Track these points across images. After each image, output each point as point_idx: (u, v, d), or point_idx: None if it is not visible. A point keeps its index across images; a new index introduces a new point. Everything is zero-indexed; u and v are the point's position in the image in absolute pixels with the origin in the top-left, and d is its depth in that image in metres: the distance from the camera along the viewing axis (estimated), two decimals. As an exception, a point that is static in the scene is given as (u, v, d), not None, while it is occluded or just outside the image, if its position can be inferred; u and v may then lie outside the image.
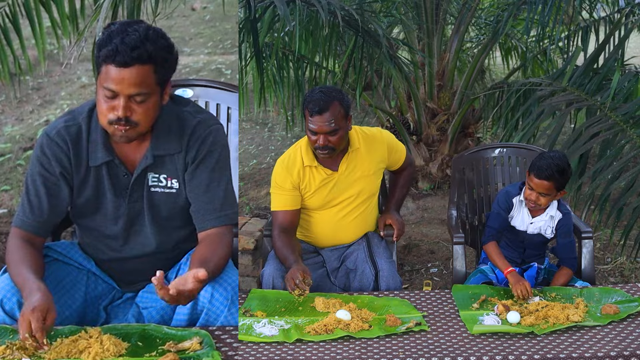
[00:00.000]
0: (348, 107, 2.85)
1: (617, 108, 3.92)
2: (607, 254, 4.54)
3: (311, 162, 2.91)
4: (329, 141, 2.78)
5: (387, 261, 2.95)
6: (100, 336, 1.78)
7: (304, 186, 2.95)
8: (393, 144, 3.11)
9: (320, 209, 3.04)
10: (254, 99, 5.52)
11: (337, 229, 3.06)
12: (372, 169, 3.01)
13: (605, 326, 2.44)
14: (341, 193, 3.00)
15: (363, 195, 3.03)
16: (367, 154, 2.99)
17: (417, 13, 5.38)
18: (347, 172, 2.97)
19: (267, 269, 2.94)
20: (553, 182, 2.80)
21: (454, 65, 5.63)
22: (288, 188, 2.92)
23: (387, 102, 6.38)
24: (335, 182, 2.97)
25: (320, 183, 2.95)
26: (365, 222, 3.11)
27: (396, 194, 3.26)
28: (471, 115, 5.76)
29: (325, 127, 2.75)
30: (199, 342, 1.81)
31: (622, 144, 3.71)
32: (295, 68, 5.14)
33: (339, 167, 2.95)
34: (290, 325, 2.48)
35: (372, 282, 2.91)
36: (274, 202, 2.99)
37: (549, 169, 2.78)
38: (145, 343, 1.79)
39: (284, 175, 2.92)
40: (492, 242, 2.99)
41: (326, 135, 2.77)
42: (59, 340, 1.77)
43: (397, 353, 2.28)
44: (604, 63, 4.53)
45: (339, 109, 2.78)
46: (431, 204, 5.52)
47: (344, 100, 2.83)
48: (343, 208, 3.04)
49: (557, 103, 4.16)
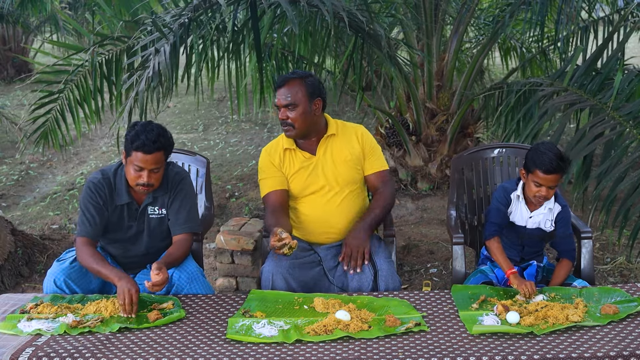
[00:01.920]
0: (314, 88, 3.04)
1: (620, 108, 3.90)
2: (606, 254, 4.54)
3: (290, 145, 3.13)
4: (288, 116, 3.02)
5: (386, 261, 2.96)
6: (113, 299, 2.72)
7: (285, 169, 3.13)
8: (373, 145, 3.19)
9: (304, 194, 3.12)
10: (253, 99, 5.53)
11: (325, 215, 3.10)
12: (349, 156, 3.12)
13: (605, 326, 2.44)
14: (320, 176, 3.10)
15: (343, 179, 3.10)
16: (344, 141, 3.13)
17: (417, 13, 5.38)
18: (325, 156, 3.11)
19: (266, 266, 2.96)
20: (561, 173, 2.83)
21: (453, 65, 5.63)
22: (272, 170, 3.15)
23: (386, 103, 6.38)
24: (314, 166, 3.11)
25: (299, 166, 3.11)
26: (352, 208, 3.12)
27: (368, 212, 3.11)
28: (470, 115, 5.76)
29: (282, 99, 3.02)
30: (172, 304, 2.72)
31: (627, 144, 3.68)
32: (295, 68, 5.14)
33: (316, 151, 3.11)
34: (290, 326, 2.48)
35: (371, 281, 2.91)
36: (262, 189, 3.16)
37: (553, 162, 2.79)
38: (141, 304, 2.71)
39: (267, 160, 3.17)
40: (495, 238, 2.98)
41: (285, 109, 3.02)
42: (89, 303, 2.73)
43: (397, 353, 2.28)
44: (605, 63, 4.51)
45: (299, 86, 3.01)
46: (430, 204, 5.53)
47: (309, 80, 3.04)
48: (326, 193, 3.10)
49: (560, 103, 4.15)
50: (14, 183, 6.86)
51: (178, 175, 3.04)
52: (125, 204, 2.99)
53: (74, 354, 2.33)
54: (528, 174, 2.89)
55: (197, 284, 2.94)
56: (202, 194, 3.55)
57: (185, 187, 3.05)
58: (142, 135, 2.80)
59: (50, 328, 2.52)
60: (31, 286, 4.42)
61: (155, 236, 3.05)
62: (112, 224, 3.02)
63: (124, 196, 2.97)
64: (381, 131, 5.91)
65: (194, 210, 3.10)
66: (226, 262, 4.14)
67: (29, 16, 10.35)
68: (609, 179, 3.59)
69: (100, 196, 2.95)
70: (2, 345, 2.40)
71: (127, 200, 2.98)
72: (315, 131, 3.11)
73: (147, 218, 3.03)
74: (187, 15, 3.87)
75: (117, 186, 2.98)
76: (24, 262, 4.58)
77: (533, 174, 2.85)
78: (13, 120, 6.81)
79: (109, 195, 2.97)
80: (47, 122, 5.00)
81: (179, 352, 2.34)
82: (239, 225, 4.28)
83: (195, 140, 8.11)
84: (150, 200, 3.00)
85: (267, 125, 8.51)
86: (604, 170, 3.65)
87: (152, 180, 2.88)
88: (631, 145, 3.69)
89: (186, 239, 3.02)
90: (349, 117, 8.54)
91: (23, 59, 9.31)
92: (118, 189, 2.98)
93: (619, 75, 3.93)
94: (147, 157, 2.82)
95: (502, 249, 2.96)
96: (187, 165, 3.60)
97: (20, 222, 5.61)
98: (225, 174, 6.69)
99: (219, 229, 4.29)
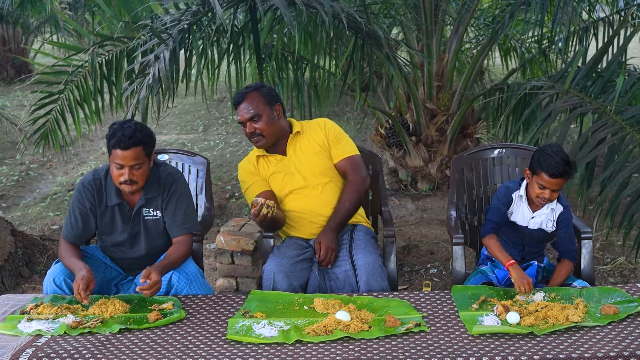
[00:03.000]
0: (271, 96, 3.16)
1: (622, 112, 3.88)
2: (606, 254, 4.54)
3: (261, 152, 3.25)
4: (255, 128, 3.12)
5: (365, 253, 2.96)
6: (113, 300, 2.74)
7: (261, 174, 3.24)
8: (337, 132, 3.26)
9: (284, 193, 3.19)
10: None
11: (311, 207, 3.15)
12: (317, 147, 3.20)
13: (605, 326, 2.44)
14: (296, 174, 3.17)
15: (319, 171, 3.17)
16: (310, 135, 3.23)
17: (416, 14, 5.38)
18: (296, 154, 3.21)
19: (267, 266, 2.98)
20: (566, 177, 2.83)
21: (453, 65, 5.62)
22: (251, 177, 3.25)
23: (386, 103, 6.38)
24: (288, 165, 3.19)
25: (274, 169, 3.23)
26: (334, 194, 3.17)
27: (337, 209, 3.13)
28: (470, 115, 5.76)
29: (245, 114, 3.12)
30: (172, 304, 2.73)
31: (630, 148, 3.66)
32: (295, 69, 5.14)
33: (286, 151, 3.20)
34: (290, 326, 2.48)
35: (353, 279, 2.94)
36: (249, 197, 3.22)
37: (559, 166, 2.79)
38: (140, 305, 2.76)
39: (244, 171, 3.29)
40: (492, 235, 2.98)
41: (250, 123, 3.12)
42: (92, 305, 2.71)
43: (397, 354, 2.28)
44: (607, 65, 4.47)
45: (257, 97, 3.13)
46: (430, 205, 5.53)
47: (263, 89, 3.17)
48: (305, 187, 3.16)
49: (562, 107, 4.13)
50: (14, 184, 6.87)
51: (170, 177, 3.03)
52: (117, 206, 2.99)
53: (74, 355, 2.34)
54: (533, 175, 2.89)
55: (196, 285, 2.95)
56: (202, 194, 3.55)
57: (180, 188, 3.04)
58: (119, 132, 2.82)
59: (51, 329, 2.52)
60: (31, 287, 4.42)
61: (154, 237, 3.05)
62: (104, 225, 3.03)
63: (114, 197, 2.98)
64: (381, 131, 5.91)
65: (191, 210, 3.10)
66: (226, 262, 4.14)
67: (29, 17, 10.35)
68: (614, 184, 3.57)
69: (87, 199, 2.97)
70: (2, 346, 2.40)
71: (117, 201, 2.98)
72: (283, 134, 3.21)
73: (143, 220, 3.02)
74: (186, 20, 3.88)
75: (108, 187, 2.99)
76: (24, 263, 4.58)
77: (538, 176, 2.85)
78: (13, 121, 6.81)
79: (97, 196, 2.98)
80: (47, 122, 5.00)
81: (179, 353, 2.34)
82: (239, 225, 4.28)
83: (195, 141, 8.11)
84: (143, 202, 2.99)
85: (267, 126, 8.50)
86: (608, 176, 3.63)
87: (134, 177, 2.87)
88: (634, 150, 3.67)
89: (185, 240, 3.02)
90: (349, 117, 8.54)
91: (23, 59, 9.32)
92: (108, 190, 2.98)
93: (621, 79, 3.91)
94: (126, 154, 2.82)
95: (500, 245, 2.95)
96: (187, 165, 3.61)
97: (21, 223, 5.62)
98: (226, 175, 6.69)
99: (219, 230, 4.29)
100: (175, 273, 2.93)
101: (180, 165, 3.59)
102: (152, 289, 2.72)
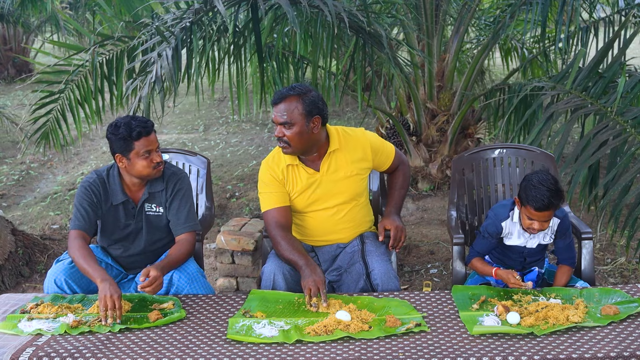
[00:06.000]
0: (312, 106, 2.89)
1: (624, 113, 3.86)
2: (607, 254, 4.53)
3: (292, 161, 3.01)
4: (284, 134, 2.90)
5: (379, 259, 2.95)
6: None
7: (289, 186, 3.02)
8: (378, 145, 3.13)
9: (307, 210, 3.06)
10: (254, 99, 5.53)
11: (330, 226, 3.07)
12: (354, 170, 3.04)
13: (605, 327, 2.44)
14: (325, 193, 3.03)
15: (347, 195, 3.05)
16: (348, 154, 3.03)
17: (417, 14, 5.38)
18: (328, 172, 3.01)
19: (267, 267, 2.96)
20: (553, 209, 2.75)
21: (453, 65, 5.63)
22: (274, 185, 3.02)
23: (387, 103, 6.38)
24: (318, 183, 3.01)
25: (304, 183, 3.01)
26: (355, 221, 3.10)
27: (394, 196, 3.24)
28: (471, 116, 5.76)
29: (278, 117, 2.90)
30: (172, 304, 2.74)
31: (632, 151, 3.64)
32: (296, 69, 5.14)
33: (320, 167, 3.02)
34: (290, 326, 2.48)
35: (363, 280, 2.91)
36: (264, 203, 3.04)
37: (545, 199, 2.70)
38: (141, 304, 2.77)
39: (269, 174, 3.04)
40: (476, 258, 2.99)
41: (281, 127, 2.90)
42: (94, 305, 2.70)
43: (397, 354, 2.28)
44: (609, 66, 4.44)
45: (296, 105, 2.87)
46: (431, 205, 5.53)
47: (307, 98, 2.89)
48: (329, 208, 3.05)
49: (564, 107, 4.12)
50: (15, 183, 6.88)
51: (175, 175, 3.07)
52: (121, 203, 3.02)
53: (75, 354, 2.34)
54: (522, 205, 2.82)
55: (197, 285, 2.95)
56: (202, 194, 3.55)
57: (184, 187, 3.08)
58: (133, 123, 2.91)
59: (51, 328, 2.52)
60: (32, 286, 4.43)
61: (154, 233, 3.07)
62: (108, 223, 3.06)
63: (120, 195, 3.01)
64: (382, 131, 5.91)
65: (193, 210, 3.13)
66: (226, 262, 4.14)
67: (30, 16, 10.38)
68: (616, 187, 3.55)
69: (94, 194, 3.00)
70: (2, 345, 2.41)
71: (123, 199, 3.02)
72: (316, 147, 2.99)
73: (145, 215, 3.05)
74: (188, 18, 3.87)
75: (111, 186, 3.02)
76: (24, 262, 4.59)
77: (525, 208, 2.78)
78: (14, 120, 6.86)
79: (103, 194, 3.01)
80: (47, 122, 5.02)
81: (179, 353, 2.34)
82: (239, 225, 4.28)
83: (195, 141, 8.12)
84: (146, 196, 3.03)
85: (267, 126, 8.51)
86: (610, 179, 3.62)
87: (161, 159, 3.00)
88: (637, 152, 3.66)
89: (188, 238, 3.03)
90: (350, 117, 8.56)
91: (24, 59, 9.32)
92: (112, 189, 3.02)
93: (622, 79, 3.89)
94: (151, 138, 2.93)
95: (483, 262, 2.98)
96: (187, 165, 3.61)
97: (21, 222, 5.63)
98: (226, 174, 6.69)
99: (220, 229, 4.29)
100: (176, 272, 2.94)
101: (181, 165, 3.59)
102: (152, 285, 2.71)
